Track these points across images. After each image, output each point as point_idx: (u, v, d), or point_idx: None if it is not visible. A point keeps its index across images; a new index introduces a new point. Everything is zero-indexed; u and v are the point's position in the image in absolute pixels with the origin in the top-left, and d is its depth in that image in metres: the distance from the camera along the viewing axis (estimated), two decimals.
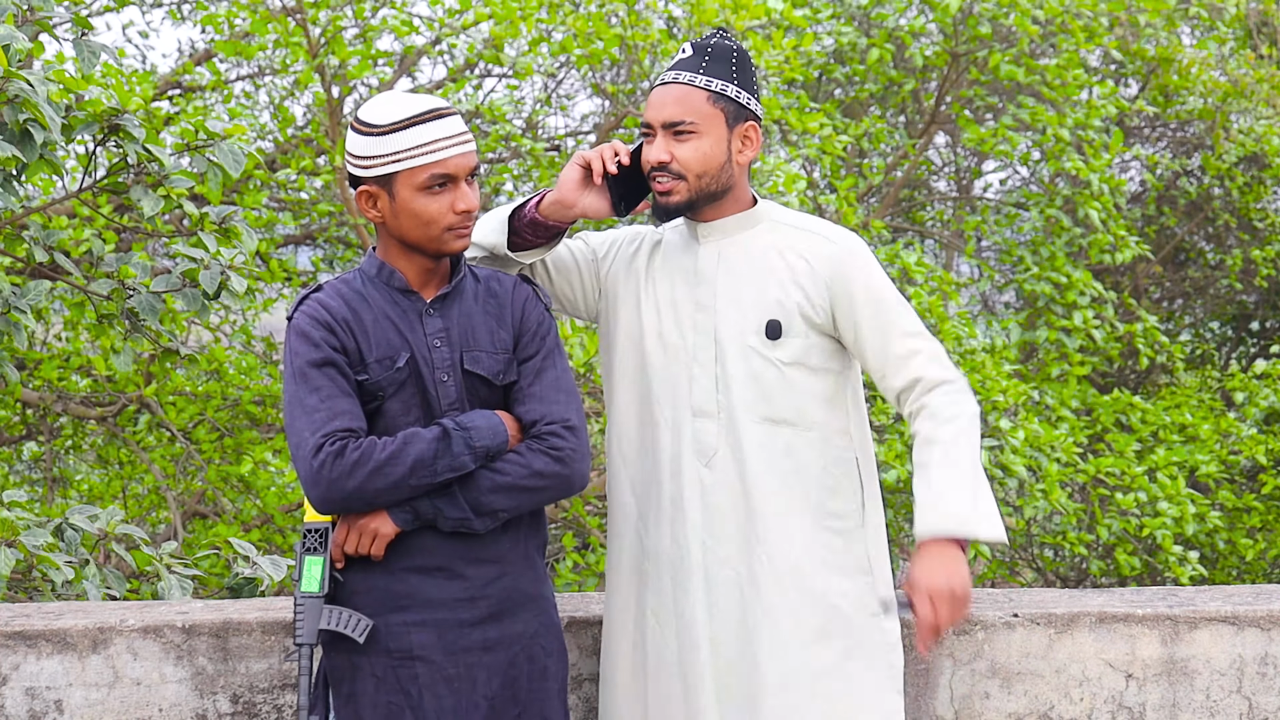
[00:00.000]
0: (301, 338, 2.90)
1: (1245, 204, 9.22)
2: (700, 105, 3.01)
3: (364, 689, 2.91)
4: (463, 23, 7.36)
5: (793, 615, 3.00)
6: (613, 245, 3.23)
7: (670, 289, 3.12)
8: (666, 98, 3.02)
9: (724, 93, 3.02)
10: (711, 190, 3.04)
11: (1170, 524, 7.30)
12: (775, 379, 3.03)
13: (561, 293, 3.24)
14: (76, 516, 4.15)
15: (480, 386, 2.96)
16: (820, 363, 3.05)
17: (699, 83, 3.01)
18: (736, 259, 3.08)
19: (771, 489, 3.02)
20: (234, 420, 7.43)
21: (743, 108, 3.04)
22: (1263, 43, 9.38)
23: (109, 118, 4.16)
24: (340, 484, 2.82)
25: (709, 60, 3.03)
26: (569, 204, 3.07)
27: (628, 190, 3.10)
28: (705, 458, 3.05)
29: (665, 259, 3.15)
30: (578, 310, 3.27)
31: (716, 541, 3.03)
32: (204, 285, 4.23)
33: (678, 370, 3.08)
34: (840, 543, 3.04)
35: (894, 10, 8.41)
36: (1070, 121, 8.12)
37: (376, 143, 2.87)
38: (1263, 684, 3.43)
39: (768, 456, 3.02)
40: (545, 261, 3.22)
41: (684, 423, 3.06)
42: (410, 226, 2.90)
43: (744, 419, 3.03)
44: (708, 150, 3.01)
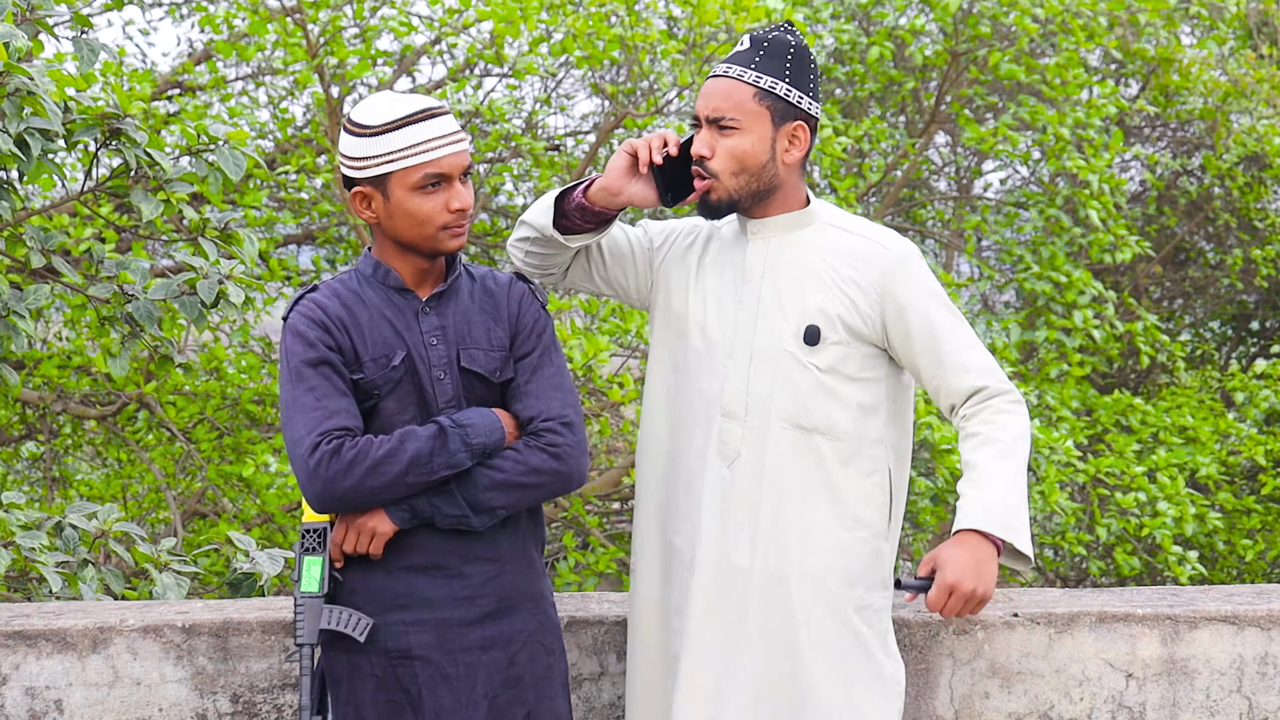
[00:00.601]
0: (297, 337, 2.90)
1: (1246, 204, 9.22)
2: (745, 101, 2.96)
3: (363, 688, 2.91)
4: (463, 21, 7.35)
5: (809, 624, 2.97)
6: (670, 236, 3.19)
7: (718, 284, 3.07)
8: (714, 91, 2.98)
9: (772, 90, 2.96)
10: (753, 189, 2.99)
11: (1170, 524, 7.30)
12: (810, 385, 2.98)
13: (615, 279, 3.20)
14: (74, 515, 4.15)
15: (477, 384, 2.96)
16: (859, 371, 3.00)
17: (748, 78, 2.96)
18: (783, 259, 3.03)
19: (796, 496, 2.98)
20: (234, 420, 7.42)
21: (792, 106, 2.98)
22: (1263, 42, 9.38)
23: (110, 121, 4.17)
24: (337, 482, 2.83)
25: (763, 55, 2.97)
26: (615, 191, 3.02)
27: (678, 181, 3.04)
28: (728, 459, 3.01)
29: (717, 254, 3.11)
30: (629, 298, 3.23)
31: (734, 545, 3.00)
32: (201, 294, 4.24)
33: (712, 368, 3.04)
34: (865, 553, 3.00)
35: (894, 9, 8.41)
36: (1070, 121, 8.12)
37: (369, 143, 2.87)
38: (1263, 684, 3.43)
39: (795, 463, 2.98)
40: (601, 247, 3.18)
41: (712, 422, 3.03)
42: (405, 226, 2.90)
43: (774, 424, 2.98)
44: (748, 148, 2.96)
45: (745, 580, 2.99)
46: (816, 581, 2.97)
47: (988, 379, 2.98)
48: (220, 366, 7.32)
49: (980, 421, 2.96)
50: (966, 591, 2.87)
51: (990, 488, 2.90)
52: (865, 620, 3.00)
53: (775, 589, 2.98)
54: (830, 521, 2.98)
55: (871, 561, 3.01)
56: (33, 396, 7.25)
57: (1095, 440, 8.31)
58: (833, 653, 2.98)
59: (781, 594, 2.98)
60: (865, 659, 3.00)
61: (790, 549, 2.98)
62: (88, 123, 4.15)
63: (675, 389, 3.09)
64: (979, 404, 2.97)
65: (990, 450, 2.93)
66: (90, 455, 8.84)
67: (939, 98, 8.83)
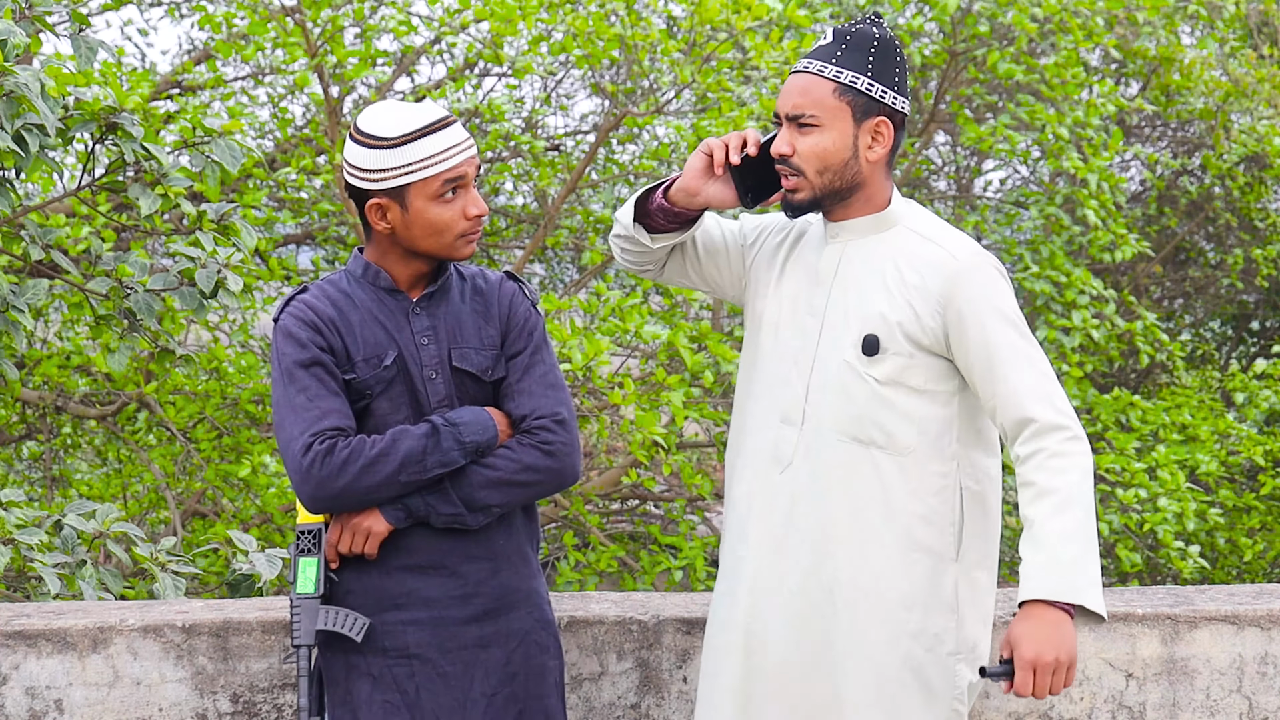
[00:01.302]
0: (288, 338, 2.90)
1: (1246, 203, 9.22)
2: (824, 97, 2.85)
3: (360, 688, 2.91)
4: (461, 21, 7.35)
5: (860, 643, 2.87)
6: (763, 232, 3.11)
7: (794, 287, 3.00)
8: (794, 87, 2.88)
9: (853, 85, 2.85)
10: (836, 188, 2.89)
11: (1171, 520, 7.29)
12: (868, 397, 2.87)
13: (709, 276, 3.14)
14: (72, 516, 4.14)
15: (469, 383, 2.96)
16: (925, 384, 2.88)
17: (828, 73, 2.86)
18: (855, 264, 2.94)
19: (849, 509, 2.87)
20: (233, 419, 7.42)
21: (874, 101, 2.87)
22: (1263, 42, 9.38)
23: (107, 116, 4.16)
24: (330, 482, 2.83)
25: (845, 49, 2.87)
26: (693, 192, 2.96)
27: (760, 181, 2.96)
28: (781, 466, 2.93)
29: (799, 255, 3.03)
30: (724, 294, 3.16)
31: (781, 555, 2.92)
32: (200, 284, 4.23)
33: (779, 372, 2.97)
34: (923, 575, 2.87)
35: (892, 9, 8.41)
36: (1070, 120, 8.12)
37: (387, 155, 2.86)
38: (1263, 683, 3.43)
39: (850, 476, 2.87)
40: (695, 242, 3.11)
41: (771, 427, 2.95)
42: (423, 235, 2.90)
43: (830, 435, 2.89)
44: (829, 145, 2.86)
45: (791, 591, 2.90)
46: (867, 598, 2.87)
47: (1041, 408, 2.80)
48: (220, 366, 7.32)
49: (1035, 467, 2.78)
50: (1049, 663, 2.72)
51: (1049, 549, 2.74)
52: (924, 645, 2.88)
53: (822, 602, 2.89)
54: (886, 538, 2.86)
55: (931, 586, 2.87)
56: (33, 396, 7.25)
57: (1095, 438, 8.31)
58: (881, 675, 2.86)
59: (828, 608, 2.88)
60: (919, 686, 2.88)
61: (839, 562, 2.87)
62: (84, 118, 4.15)
63: (746, 392, 3.04)
64: (1033, 443, 2.80)
65: (1047, 504, 2.76)
66: (90, 455, 8.84)
67: (938, 97, 8.83)
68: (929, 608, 2.87)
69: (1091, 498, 2.80)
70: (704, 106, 7.77)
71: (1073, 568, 2.74)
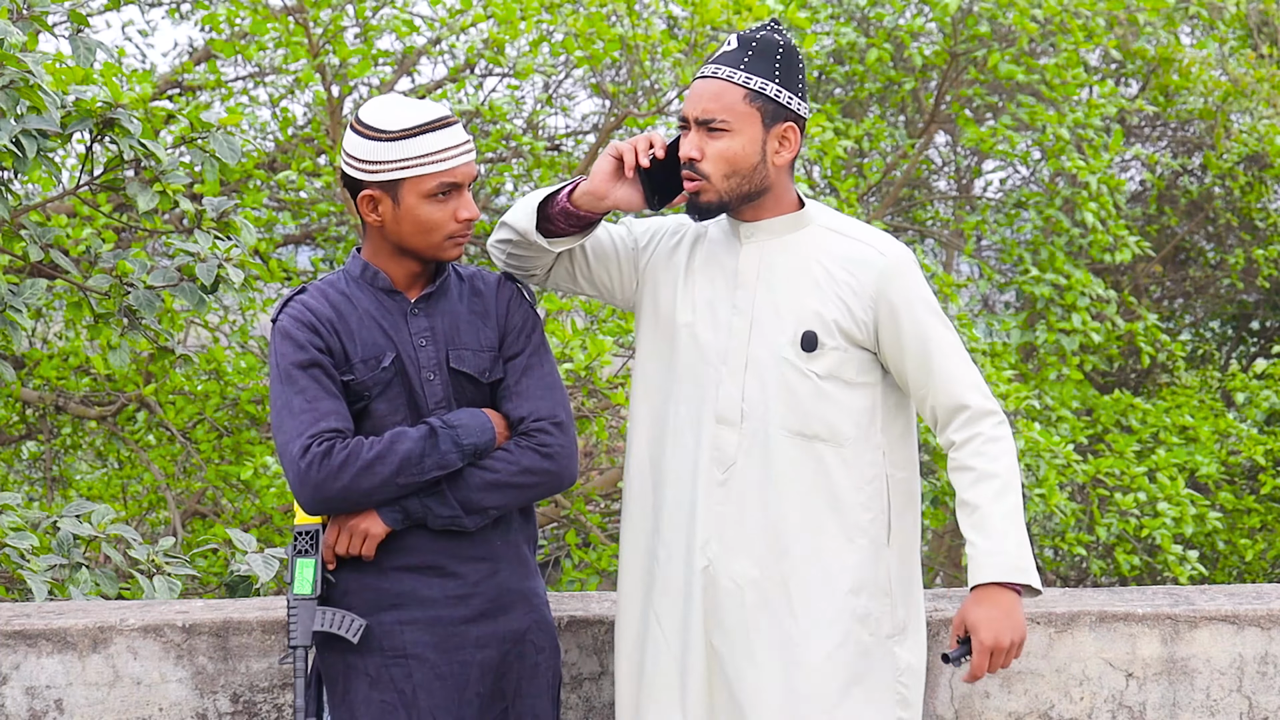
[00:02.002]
0: (286, 339, 2.90)
1: (1246, 203, 9.22)
2: (735, 103, 2.90)
3: (358, 688, 2.91)
4: (461, 24, 7.35)
5: (808, 635, 2.93)
6: (655, 235, 3.14)
7: (709, 288, 3.02)
8: (703, 92, 2.92)
9: (762, 91, 2.91)
10: (744, 191, 2.94)
11: (1170, 524, 7.30)
12: (810, 392, 2.94)
13: (599, 280, 3.15)
14: (67, 518, 4.12)
15: (467, 385, 2.96)
16: (857, 376, 2.96)
17: (737, 79, 2.91)
18: (778, 263, 2.99)
19: (798, 504, 2.94)
20: (233, 420, 7.42)
21: (782, 107, 2.93)
22: (1263, 42, 9.38)
23: (104, 113, 4.15)
24: (328, 484, 2.83)
25: (752, 55, 2.92)
26: (600, 195, 2.97)
27: (664, 183, 3.00)
28: (723, 466, 2.96)
29: (707, 256, 3.05)
30: (614, 299, 3.18)
31: (729, 553, 2.95)
32: (201, 278, 4.21)
33: (706, 373, 2.99)
34: (866, 561, 2.96)
35: (893, 10, 8.41)
36: (1070, 121, 8.12)
37: (385, 148, 2.86)
38: (1263, 683, 3.43)
39: (797, 471, 2.94)
40: (584, 248, 3.13)
41: (705, 428, 2.98)
42: (411, 232, 2.90)
43: (775, 432, 2.94)
44: (739, 150, 2.91)
45: (745, 589, 2.95)
46: (819, 589, 2.94)
47: (974, 396, 2.95)
48: (220, 367, 7.32)
49: (972, 453, 2.93)
50: (1005, 646, 2.88)
51: (997, 533, 2.89)
52: (868, 629, 2.96)
53: (777, 598, 2.94)
54: (833, 529, 2.94)
55: (873, 570, 2.97)
56: (33, 396, 7.26)
57: (1095, 440, 8.31)
58: (837, 663, 2.93)
59: (783, 602, 2.94)
60: (870, 669, 2.96)
61: (792, 557, 2.94)
62: (80, 115, 4.14)
63: (664, 394, 3.04)
64: (967, 428, 2.94)
65: (988, 488, 2.91)
66: (90, 455, 8.85)
67: (938, 98, 8.84)
68: (871, 592, 2.97)
69: (1020, 480, 2.97)
70: None
71: (1018, 550, 2.89)
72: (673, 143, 2.99)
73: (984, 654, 2.88)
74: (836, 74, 8.73)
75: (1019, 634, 2.89)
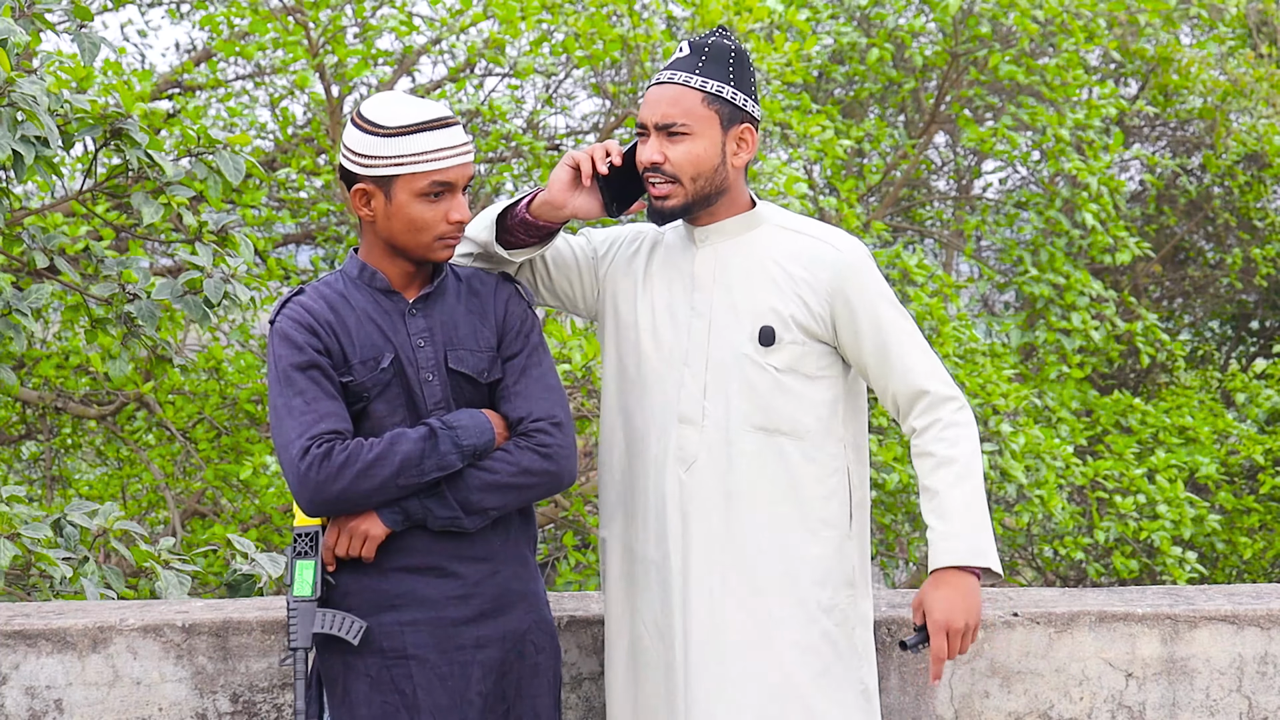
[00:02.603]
0: (284, 341, 2.90)
1: (1245, 203, 9.22)
2: (694, 107, 2.95)
3: (358, 689, 2.91)
4: (461, 24, 7.34)
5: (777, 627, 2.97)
6: (614, 244, 3.19)
7: (667, 292, 3.07)
8: (661, 98, 2.97)
9: (719, 94, 2.96)
10: (706, 193, 2.99)
11: (1169, 527, 7.30)
12: (770, 386, 2.98)
13: (561, 290, 3.20)
14: (75, 513, 4.14)
15: (465, 385, 2.96)
16: (817, 370, 3.01)
17: (694, 83, 2.96)
18: (734, 264, 3.04)
19: (762, 498, 2.98)
20: (233, 419, 7.42)
21: (738, 109, 2.98)
22: (1262, 42, 9.38)
23: (112, 121, 4.16)
24: (328, 486, 2.82)
25: (705, 60, 2.98)
26: (559, 205, 3.01)
27: (622, 191, 3.05)
28: (685, 464, 3.01)
29: (664, 261, 3.11)
30: (577, 308, 3.23)
31: (697, 549, 2.99)
32: (208, 294, 4.24)
33: (668, 375, 3.04)
34: (830, 553, 3.01)
35: (893, 10, 8.41)
36: (1070, 121, 8.12)
37: (382, 143, 2.86)
38: (1262, 683, 3.43)
39: (760, 466, 2.98)
40: (545, 258, 3.17)
41: (669, 428, 3.02)
42: (401, 230, 2.90)
43: (736, 427, 2.99)
44: (701, 152, 2.96)
45: (714, 584, 2.98)
46: (785, 583, 2.98)
47: (933, 383, 2.99)
48: (220, 366, 7.32)
49: (933, 439, 2.97)
50: (959, 628, 2.91)
51: (956, 517, 2.93)
52: (833, 620, 3.01)
53: (743, 591, 2.98)
54: (796, 522, 2.99)
55: (837, 561, 3.01)
56: (32, 396, 7.26)
57: (1095, 441, 8.31)
58: (806, 654, 2.98)
59: (750, 596, 2.98)
60: (836, 659, 3.00)
61: (758, 552, 2.98)
62: (87, 123, 4.15)
63: (629, 397, 3.10)
64: (927, 415, 2.99)
65: (948, 473, 2.95)
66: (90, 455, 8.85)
67: (939, 98, 8.84)
68: (836, 584, 3.01)
69: (982, 468, 3.00)
70: None
71: (976, 533, 2.93)
72: (629, 149, 3.04)
73: (939, 634, 2.91)
74: (837, 74, 8.73)
75: (974, 615, 2.92)
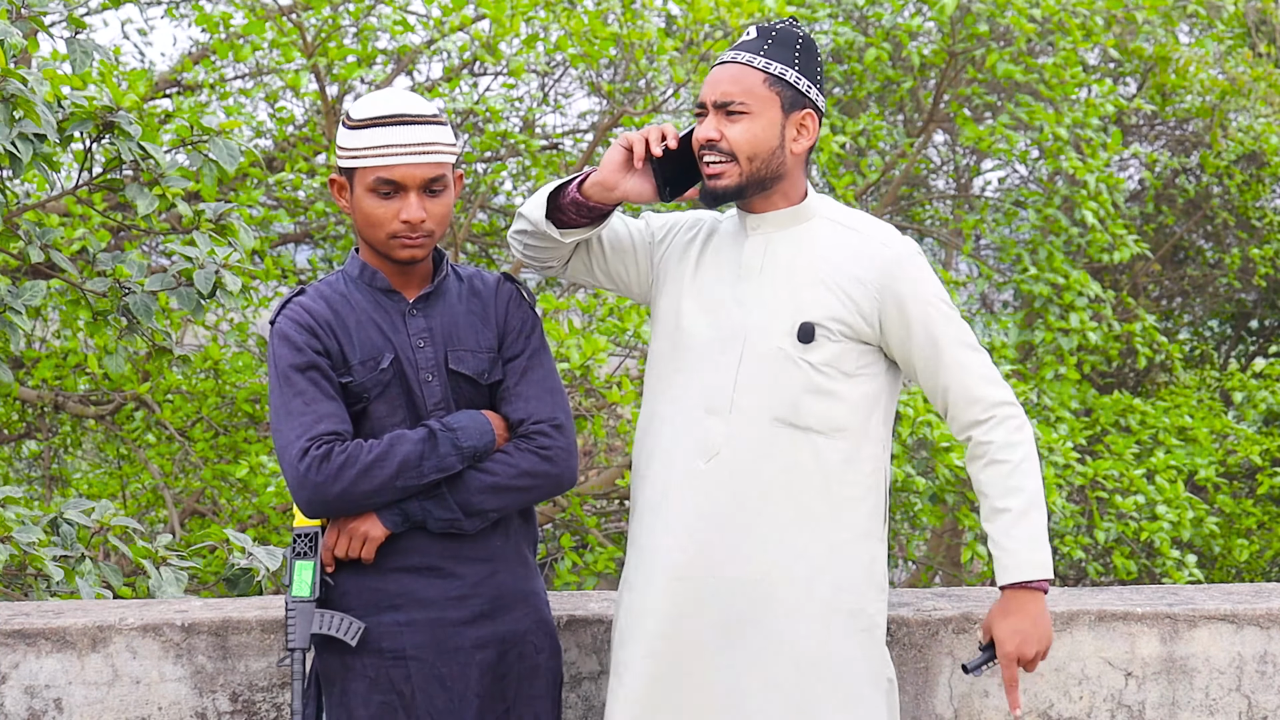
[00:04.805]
0: (284, 341, 2.90)
1: (1244, 202, 9.23)
2: (755, 86, 2.89)
3: (356, 690, 2.91)
4: (451, 25, 7.34)
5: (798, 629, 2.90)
6: (671, 229, 3.13)
7: (714, 281, 3.01)
8: (722, 76, 2.91)
9: (782, 77, 2.90)
10: (761, 176, 2.92)
11: (1168, 528, 7.29)
12: (804, 384, 2.90)
13: (615, 273, 3.13)
14: (71, 511, 4.14)
15: (465, 386, 2.95)
16: (855, 368, 2.93)
17: (757, 64, 2.90)
18: (782, 255, 2.97)
19: (783, 495, 2.90)
20: (231, 419, 7.42)
21: (801, 94, 2.92)
22: (1260, 41, 9.39)
23: (104, 115, 4.16)
24: (327, 487, 2.82)
25: (771, 43, 2.92)
26: (610, 186, 2.95)
27: (677, 175, 2.97)
28: (706, 456, 2.93)
29: (716, 248, 3.04)
30: (630, 291, 3.16)
31: (709, 545, 2.91)
32: (199, 285, 4.23)
33: (698, 364, 2.97)
34: (861, 557, 2.93)
35: (891, 9, 8.41)
36: (1068, 120, 8.12)
37: (347, 135, 2.89)
38: (1262, 682, 3.43)
39: (785, 463, 2.90)
40: (600, 240, 3.11)
41: (694, 419, 2.94)
42: (361, 224, 2.92)
43: (762, 421, 2.91)
44: (759, 132, 2.89)
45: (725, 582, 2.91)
46: (805, 585, 2.90)
47: (986, 389, 2.93)
48: (218, 366, 7.31)
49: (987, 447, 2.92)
50: (1030, 656, 2.93)
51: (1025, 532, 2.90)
52: (859, 624, 2.93)
53: (760, 592, 2.90)
54: (823, 523, 2.91)
55: (867, 565, 2.94)
56: (31, 395, 7.25)
57: (1094, 441, 8.31)
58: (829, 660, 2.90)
59: (766, 597, 2.90)
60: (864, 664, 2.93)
61: (776, 550, 2.90)
62: (80, 117, 4.14)
63: (665, 385, 3.03)
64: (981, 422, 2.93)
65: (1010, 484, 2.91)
66: (90, 454, 8.85)
67: (937, 97, 8.84)
68: (863, 588, 2.94)
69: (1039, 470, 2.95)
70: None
71: (1039, 548, 2.90)
72: (685, 134, 2.97)
73: (1010, 665, 2.92)
74: (835, 73, 8.73)
75: (1044, 642, 2.93)
